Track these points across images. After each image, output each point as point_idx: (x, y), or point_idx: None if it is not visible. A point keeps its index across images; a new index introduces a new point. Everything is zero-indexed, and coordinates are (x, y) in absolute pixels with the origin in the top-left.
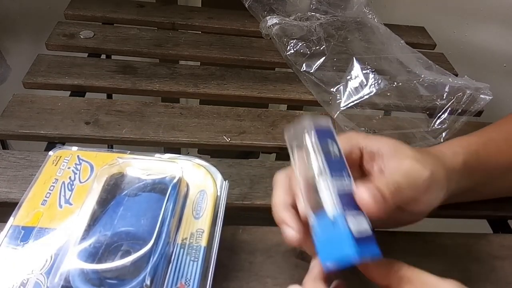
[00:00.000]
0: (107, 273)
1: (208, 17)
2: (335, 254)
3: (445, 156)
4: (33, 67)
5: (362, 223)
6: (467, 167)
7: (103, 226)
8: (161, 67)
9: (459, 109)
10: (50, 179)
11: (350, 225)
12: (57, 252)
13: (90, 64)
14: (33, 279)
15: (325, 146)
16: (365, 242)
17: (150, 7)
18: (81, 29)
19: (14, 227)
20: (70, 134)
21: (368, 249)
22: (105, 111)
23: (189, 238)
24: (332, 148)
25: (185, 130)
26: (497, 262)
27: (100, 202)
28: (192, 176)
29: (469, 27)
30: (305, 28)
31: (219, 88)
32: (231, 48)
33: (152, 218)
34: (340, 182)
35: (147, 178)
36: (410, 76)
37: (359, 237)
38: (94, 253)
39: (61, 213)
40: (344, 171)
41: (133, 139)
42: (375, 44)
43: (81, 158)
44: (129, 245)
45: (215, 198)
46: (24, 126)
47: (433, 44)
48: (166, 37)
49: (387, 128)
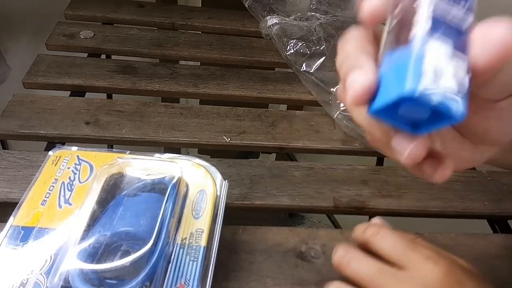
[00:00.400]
0: (107, 273)
1: (208, 17)
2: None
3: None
4: (33, 67)
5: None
6: None
7: (102, 226)
8: (161, 67)
9: None
10: (49, 179)
11: (427, 52)
12: (56, 252)
13: (90, 64)
14: (33, 279)
15: None
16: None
17: (150, 7)
18: (81, 29)
19: (14, 227)
20: (70, 134)
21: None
22: (105, 111)
23: (189, 238)
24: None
25: (185, 130)
26: (497, 262)
27: (100, 202)
28: (192, 176)
29: None
30: (305, 28)
31: (219, 88)
32: (231, 48)
33: (151, 218)
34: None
35: (147, 178)
36: None
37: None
38: (93, 253)
39: (60, 213)
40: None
41: (133, 139)
42: None
43: (81, 158)
44: (129, 245)
45: (214, 198)
46: (24, 126)
47: None
48: (166, 37)
49: None
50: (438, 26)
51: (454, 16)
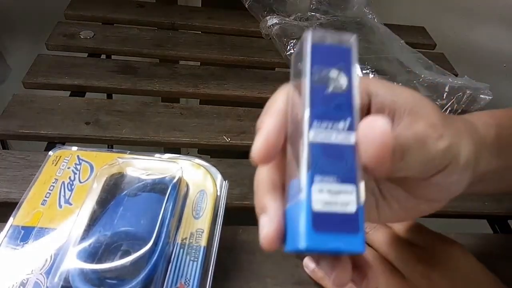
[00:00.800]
0: (107, 273)
1: (208, 17)
2: (289, 239)
3: (475, 127)
4: (33, 67)
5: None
6: (500, 142)
7: (103, 226)
8: (161, 67)
9: (459, 109)
10: (50, 179)
11: (313, 195)
12: (57, 252)
13: (90, 64)
14: (33, 279)
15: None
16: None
17: (150, 7)
18: (81, 29)
19: (14, 227)
20: (70, 134)
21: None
22: (105, 111)
23: (189, 238)
24: (334, 78)
25: (185, 130)
26: (498, 262)
27: (100, 202)
28: (192, 176)
29: (469, 27)
30: (305, 28)
31: (219, 88)
32: (231, 48)
33: (151, 218)
34: (328, 129)
35: (147, 178)
36: (410, 76)
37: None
38: (93, 253)
39: (61, 213)
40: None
41: (133, 139)
42: (375, 44)
43: (81, 158)
44: (129, 245)
45: (215, 198)
46: (24, 126)
47: (433, 44)
48: (166, 37)
49: None
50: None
51: (336, 139)
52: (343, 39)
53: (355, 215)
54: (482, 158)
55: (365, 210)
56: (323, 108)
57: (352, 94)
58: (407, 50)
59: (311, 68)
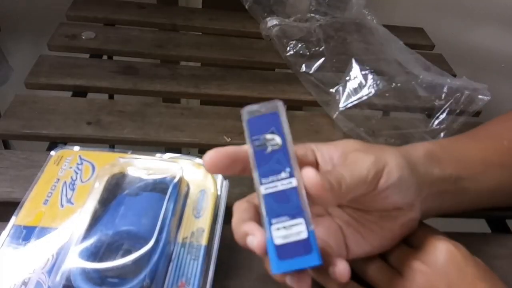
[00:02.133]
0: (108, 272)
1: (209, 19)
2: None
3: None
4: (35, 68)
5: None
6: (432, 154)
7: (104, 225)
8: (162, 68)
9: (458, 110)
10: (52, 178)
11: (273, 233)
12: (58, 251)
13: (91, 65)
14: (35, 278)
15: (258, 140)
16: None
17: (151, 8)
18: (82, 30)
19: (16, 227)
20: (72, 134)
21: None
22: (106, 112)
23: (190, 237)
24: (270, 140)
25: (186, 130)
26: (496, 261)
27: (102, 202)
28: (193, 175)
29: (467, 28)
30: (304, 30)
31: (219, 89)
32: (231, 49)
33: (153, 218)
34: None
35: (148, 178)
36: (409, 77)
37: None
38: (95, 252)
39: (62, 213)
40: (285, 164)
41: (135, 139)
42: (374, 45)
43: (83, 158)
44: (130, 244)
45: (215, 197)
46: (26, 126)
47: (431, 45)
48: (167, 38)
49: (386, 128)
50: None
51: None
52: (271, 106)
53: (307, 239)
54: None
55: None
56: (266, 166)
57: (287, 147)
58: (406, 51)
59: (251, 138)
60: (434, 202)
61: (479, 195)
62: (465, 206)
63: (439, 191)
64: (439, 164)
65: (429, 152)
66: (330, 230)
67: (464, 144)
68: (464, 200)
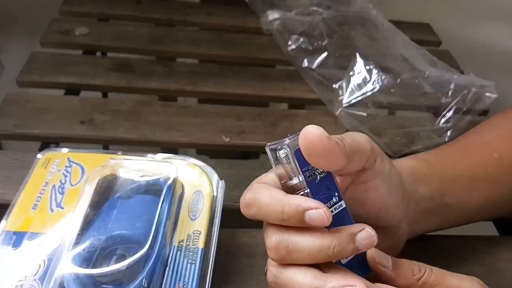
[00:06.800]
0: (103, 278)
1: (207, 13)
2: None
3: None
4: (27, 65)
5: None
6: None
7: (96, 230)
8: (158, 65)
9: (464, 108)
10: (40, 182)
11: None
12: (50, 257)
13: (85, 62)
14: (27, 285)
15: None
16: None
17: (147, 3)
18: (76, 26)
19: (5, 233)
20: (64, 134)
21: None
22: (100, 110)
23: (186, 240)
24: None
25: (183, 130)
26: (503, 264)
27: (93, 205)
28: (187, 176)
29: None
30: (307, 23)
31: (218, 87)
32: (230, 45)
33: (147, 221)
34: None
35: (141, 180)
36: (415, 73)
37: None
38: (88, 258)
39: (52, 217)
40: (333, 189)
41: (130, 139)
42: (379, 40)
43: (72, 160)
44: (124, 249)
45: (211, 199)
46: (18, 125)
47: (438, 41)
48: (164, 34)
49: (391, 126)
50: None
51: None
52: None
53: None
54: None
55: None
56: (320, 194)
57: (331, 173)
58: (412, 46)
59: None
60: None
61: (466, 212)
62: (453, 223)
63: (425, 210)
64: (423, 182)
65: (414, 170)
66: None
67: (451, 160)
68: (451, 218)
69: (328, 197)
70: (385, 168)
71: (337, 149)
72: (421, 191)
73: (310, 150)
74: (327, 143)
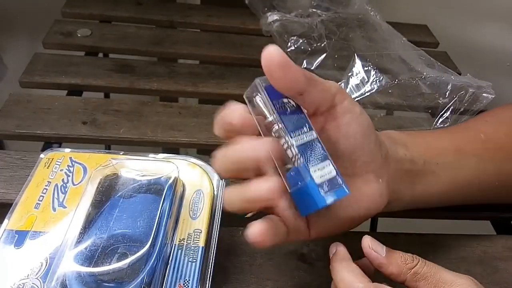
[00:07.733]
0: (104, 276)
1: (208, 15)
2: (308, 206)
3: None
4: (30, 66)
5: (325, 168)
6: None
7: (98, 229)
8: (160, 66)
9: (462, 108)
10: (42, 182)
11: (313, 175)
12: (52, 256)
13: (87, 63)
14: (29, 284)
15: (278, 103)
16: (331, 185)
17: (148, 5)
18: (78, 27)
19: (8, 232)
20: (67, 134)
21: (335, 192)
22: (102, 111)
23: (187, 239)
24: (287, 103)
25: (184, 130)
26: (501, 263)
27: (95, 204)
28: (188, 175)
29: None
30: (306, 25)
31: (218, 87)
32: (231, 46)
33: (148, 220)
34: (300, 135)
35: (142, 179)
36: (412, 74)
37: (323, 182)
38: (90, 256)
39: (55, 216)
40: (304, 121)
41: (131, 139)
42: (377, 41)
43: (74, 160)
44: (126, 248)
45: (212, 198)
46: (20, 126)
47: (436, 43)
48: (165, 35)
49: (389, 126)
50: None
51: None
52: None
53: (336, 176)
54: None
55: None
56: (291, 123)
57: (301, 107)
58: (410, 47)
59: (272, 101)
60: (404, 183)
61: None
62: (439, 195)
63: (407, 171)
64: (404, 147)
65: (393, 135)
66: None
67: (436, 134)
68: (437, 187)
69: (299, 126)
70: (355, 108)
71: (294, 66)
72: (401, 152)
73: (270, 62)
74: (285, 57)
